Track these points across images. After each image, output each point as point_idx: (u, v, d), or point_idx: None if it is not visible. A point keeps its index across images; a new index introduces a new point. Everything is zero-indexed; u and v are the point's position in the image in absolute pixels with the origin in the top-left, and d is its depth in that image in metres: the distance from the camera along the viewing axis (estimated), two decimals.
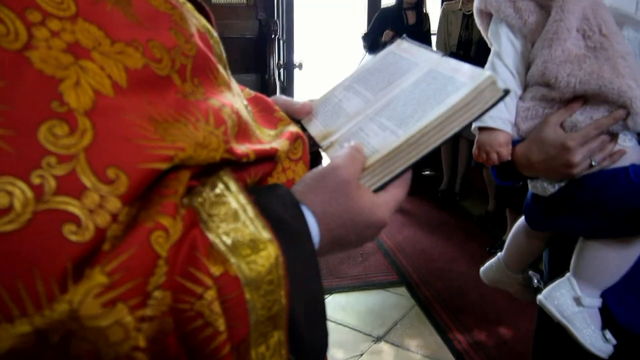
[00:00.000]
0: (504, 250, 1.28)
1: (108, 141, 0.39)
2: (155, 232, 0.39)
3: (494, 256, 1.33)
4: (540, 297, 1.03)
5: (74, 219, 0.36)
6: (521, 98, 0.96)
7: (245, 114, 0.61)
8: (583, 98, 0.88)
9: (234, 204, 0.48)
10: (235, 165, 0.53)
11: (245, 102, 0.70)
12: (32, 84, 0.38)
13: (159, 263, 0.39)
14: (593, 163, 0.89)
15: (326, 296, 3.20)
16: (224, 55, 0.68)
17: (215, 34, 0.67)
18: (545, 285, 1.11)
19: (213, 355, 0.42)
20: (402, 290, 3.35)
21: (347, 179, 0.56)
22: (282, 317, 0.49)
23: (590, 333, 0.97)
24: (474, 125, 0.96)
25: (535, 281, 1.26)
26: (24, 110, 0.37)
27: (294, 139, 0.67)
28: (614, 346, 0.98)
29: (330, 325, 2.61)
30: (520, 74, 0.95)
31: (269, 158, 0.58)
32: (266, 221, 0.48)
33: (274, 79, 4.07)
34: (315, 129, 0.77)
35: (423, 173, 5.40)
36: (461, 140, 4.42)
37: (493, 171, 1.03)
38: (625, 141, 0.91)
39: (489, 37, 0.98)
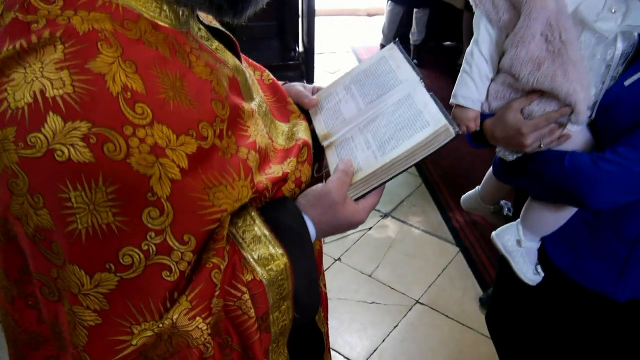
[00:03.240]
0: (480, 186, 1.53)
1: (182, 217, 0.64)
2: (213, 270, 0.65)
3: None
4: (493, 234, 1.31)
5: (168, 268, 0.63)
6: (493, 80, 1.12)
7: (265, 141, 0.83)
8: (540, 91, 1.05)
9: (258, 232, 0.73)
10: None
11: (265, 106, 0.91)
12: (133, 183, 0.61)
13: (216, 289, 0.66)
14: (542, 145, 1.09)
15: None
16: (246, 76, 0.88)
17: (241, 65, 0.86)
18: (513, 216, 1.38)
19: (247, 329, 0.71)
20: (412, 168, 3.65)
21: (337, 200, 0.81)
22: (289, 295, 0.76)
23: (525, 266, 1.25)
24: (450, 102, 1.15)
25: (506, 210, 1.53)
26: (131, 202, 0.61)
27: (301, 147, 0.90)
28: (543, 278, 1.28)
29: None
30: (493, 61, 1.10)
31: (282, 180, 0.82)
32: (279, 242, 0.74)
33: None
34: (318, 126, 0.99)
35: (444, 44, 5.39)
36: None
37: (467, 136, 1.24)
38: (573, 126, 1.09)
39: (472, 24, 1.12)
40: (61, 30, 0.61)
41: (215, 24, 0.90)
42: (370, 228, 3.11)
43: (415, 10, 4.79)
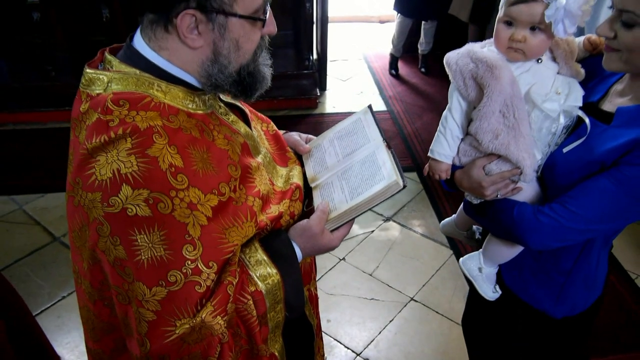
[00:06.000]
0: (456, 215, 1.82)
1: (209, 250, 0.96)
2: (228, 285, 0.98)
3: None
4: (460, 261, 1.59)
5: (198, 284, 0.95)
6: (463, 140, 1.38)
7: (267, 187, 1.15)
8: (498, 154, 1.30)
9: (259, 257, 1.06)
10: None
11: (269, 155, 1.23)
12: (176, 228, 0.94)
13: (230, 297, 0.98)
14: (498, 195, 1.35)
15: None
16: (255, 136, 1.19)
17: (251, 131, 1.18)
18: (483, 239, 1.67)
19: (251, 324, 1.03)
20: (414, 175, 3.93)
21: (317, 232, 1.12)
22: (281, 300, 1.09)
23: (485, 287, 1.54)
24: (428, 155, 1.43)
25: (477, 234, 1.81)
26: (175, 241, 0.94)
27: (294, 190, 1.21)
28: (500, 296, 1.56)
29: None
30: (463, 125, 1.36)
31: (278, 218, 1.14)
32: (274, 264, 1.06)
33: None
34: (308, 170, 1.30)
35: None
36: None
37: (442, 182, 1.52)
38: (523, 182, 1.34)
39: (448, 93, 1.39)
40: (129, 128, 0.94)
41: (232, 99, 1.22)
42: (373, 231, 3.42)
43: (423, 22, 5.05)
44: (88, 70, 1.03)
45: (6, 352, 1.69)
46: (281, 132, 1.40)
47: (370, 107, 1.33)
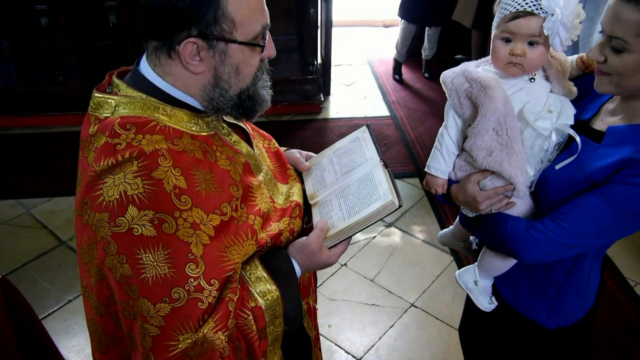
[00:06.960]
0: (453, 226, 1.86)
1: (210, 268, 1.00)
2: (229, 302, 1.02)
3: None
4: (456, 274, 1.63)
5: (201, 300, 1.00)
6: (458, 156, 1.42)
7: (268, 205, 1.19)
8: (492, 170, 1.34)
9: (259, 274, 1.10)
10: None
11: (270, 173, 1.27)
12: (180, 247, 0.98)
13: (231, 313, 1.02)
14: (492, 210, 1.39)
15: None
16: (256, 155, 1.24)
17: (252, 150, 1.23)
18: (479, 250, 1.70)
19: (251, 338, 1.07)
20: (416, 181, 3.97)
21: (315, 249, 1.16)
22: (280, 315, 1.13)
23: (481, 298, 1.58)
24: (425, 170, 1.47)
25: (474, 244, 1.85)
26: (178, 260, 0.98)
27: (294, 207, 1.26)
28: (496, 307, 1.60)
29: None
30: (458, 142, 1.41)
31: (278, 235, 1.18)
32: (274, 281, 1.10)
33: None
34: (307, 187, 1.35)
35: (455, 57, 5.67)
36: None
37: (439, 196, 1.56)
38: (516, 198, 1.38)
39: (444, 110, 1.43)
40: (136, 151, 0.98)
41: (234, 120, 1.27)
42: (374, 236, 3.46)
43: (427, 28, 5.09)
44: (96, 94, 1.07)
45: (6, 331, 1.75)
46: (282, 149, 1.44)
47: (368, 125, 1.37)
